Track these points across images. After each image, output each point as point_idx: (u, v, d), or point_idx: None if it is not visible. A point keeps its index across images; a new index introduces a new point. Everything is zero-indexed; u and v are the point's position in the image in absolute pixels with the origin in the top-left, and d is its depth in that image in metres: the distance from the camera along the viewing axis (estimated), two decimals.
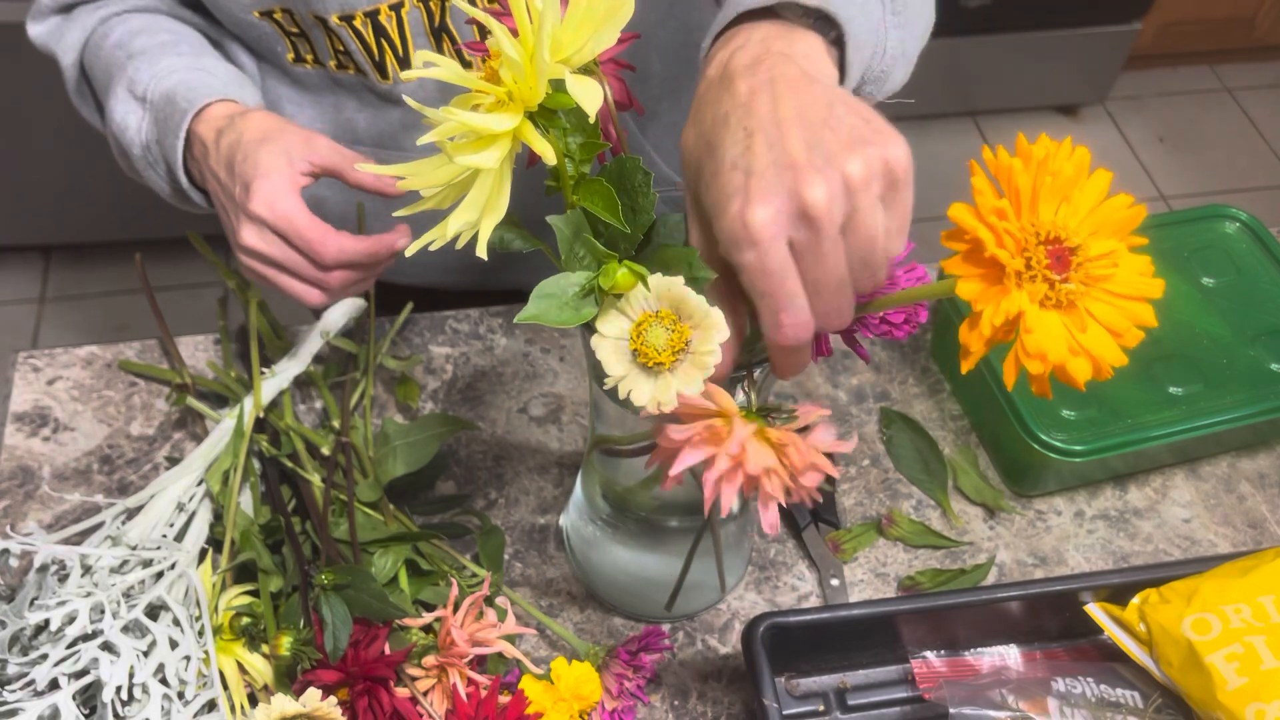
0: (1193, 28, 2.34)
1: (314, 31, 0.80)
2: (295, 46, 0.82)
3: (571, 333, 0.89)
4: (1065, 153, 0.42)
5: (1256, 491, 0.84)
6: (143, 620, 0.62)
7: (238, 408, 0.75)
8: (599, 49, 0.47)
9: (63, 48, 0.83)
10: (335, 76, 0.83)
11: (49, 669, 0.59)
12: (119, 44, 0.79)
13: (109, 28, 0.81)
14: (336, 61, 0.82)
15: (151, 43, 0.78)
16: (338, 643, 0.63)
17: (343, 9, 0.76)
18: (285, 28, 0.80)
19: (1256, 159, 2.33)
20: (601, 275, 0.48)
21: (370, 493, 0.72)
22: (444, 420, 0.75)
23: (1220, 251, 0.90)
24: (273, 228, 0.67)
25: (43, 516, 0.77)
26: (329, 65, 0.82)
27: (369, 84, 0.82)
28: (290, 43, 0.82)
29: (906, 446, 0.84)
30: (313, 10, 0.77)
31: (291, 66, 0.83)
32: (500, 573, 0.74)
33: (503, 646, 0.64)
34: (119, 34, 0.80)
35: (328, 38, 0.80)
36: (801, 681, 0.72)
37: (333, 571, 0.64)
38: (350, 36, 0.78)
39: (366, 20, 0.77)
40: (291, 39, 0.81)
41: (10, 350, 0.84)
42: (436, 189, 0.49)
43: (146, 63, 0.76)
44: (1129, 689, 0.68)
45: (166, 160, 0.75)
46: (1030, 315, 0.41)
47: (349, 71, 0.82)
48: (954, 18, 2.07)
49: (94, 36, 0.82)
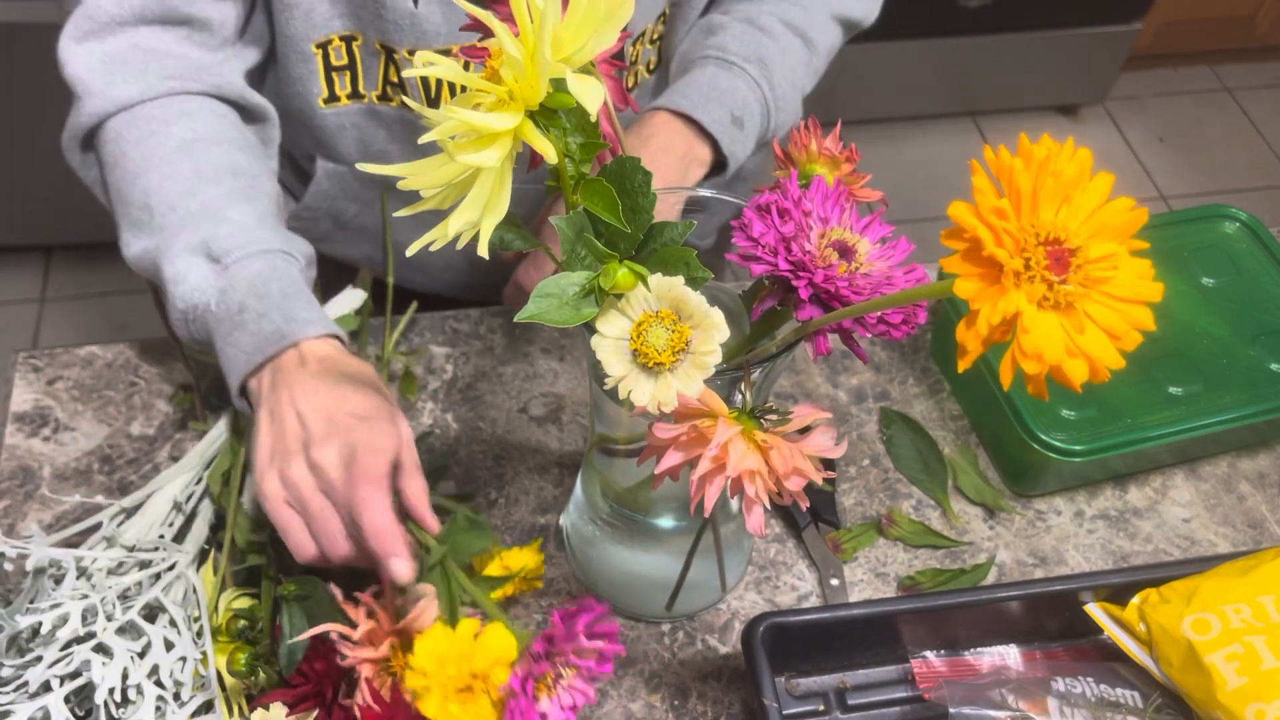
0: (1193, 28, 2.33)
1: (368, 61, 0.79)
2: (332, 84, 0.81)
3: (571, 333, 0.89)
4: (1067, 154, 0.42)
5: (1256, 491, 0.84)
6: (138, 622, 0.62)
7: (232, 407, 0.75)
8: (599, 49, 0.48)
9: (105, 96, 0.71)
10: (374, 108, 0.83)
11: (42, 671, 0.59)
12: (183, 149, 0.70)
13: (170, 112, 0.71)
14: (381, 93, 0.81)
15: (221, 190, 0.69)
16: (291, 655, 0.62)
17: (416, 44, 0.76)
18: (332, 62, 0.80)
19: (1256, 159, 2.33)
20: (602, 275, 0.48)
21: None
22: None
23: (1220, 251, 0.90)
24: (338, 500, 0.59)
25: (43, 516, 0.77)
26: (370, 95, 0.81)
27: (412, 118, 0.82)
28: (326, 81, 0.81)
29: (906, 446, 0.84)
30: (385, 40, 0.77)
31: (320, 109, 0.83)
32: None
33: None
34: (180, 131, 0.71)
35: (383, 69, 0.79)
36: (801, 681, 0.72)
37: (295, 582, 0.64)
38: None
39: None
40: (331, 74, 0.81)
41: (10, 350, 0.84)
42: (437, 188, 0.49)
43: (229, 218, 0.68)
44: (1129, 689, 0.68)
45: (222, 357, 0.66)
46: (1028, 316, 0.41)
47: (392, 104, 0.82)
48: (954, 18, 2.07)
49: (151, 112, 0.71)
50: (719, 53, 0.83)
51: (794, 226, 0.51)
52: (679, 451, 0.49)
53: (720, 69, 0.82)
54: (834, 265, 0.50)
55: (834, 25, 0.89)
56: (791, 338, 0.52)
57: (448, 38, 0.78)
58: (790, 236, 0.51)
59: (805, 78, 0.88)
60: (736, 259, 0.52)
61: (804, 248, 0.51)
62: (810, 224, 0.52)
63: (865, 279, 0.51)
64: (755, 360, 0.53)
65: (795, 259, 0.50)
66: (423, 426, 0.83)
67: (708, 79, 0.81)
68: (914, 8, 2.04)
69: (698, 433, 0.49)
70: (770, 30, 0.85)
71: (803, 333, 0.51)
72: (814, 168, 0.58)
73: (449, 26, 0.77)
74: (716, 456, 0.48)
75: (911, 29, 2.08)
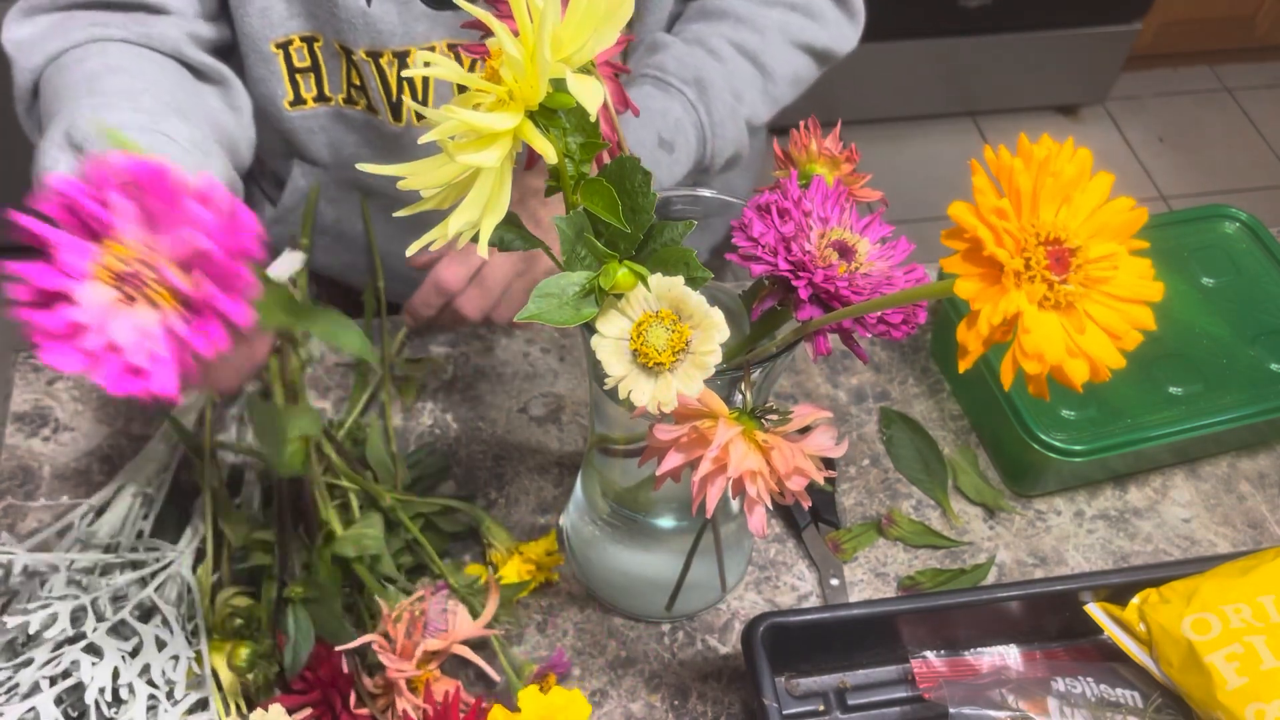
0: (1193, 28, 2.33)
1: (331, 63, 0.79)
2: (296, 86, 0.80)
3: (571, 333, 0.89)
4: (1067, 154, 0.42)
5: (1256, 491, 0.84)
6: (130, 621, 0.62)
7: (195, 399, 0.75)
8: (599, 48, 0.48)
9: (35, 51, 0.72)
10: (341, 111, 0.82)
11: (33, 672, 0.59)
12: (89, 75, 0.70)
13: (88, 52, 0.72)
14: (346, 95, 0.80)
15: (116, 85, 0.69)
16: (297, 656, 0.63)
17: (372, 45, 0.76)
18: (295, 63, 0.79)
19: (1256, 159, 2.33)
20: (602, 275, 0.48)
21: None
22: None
23: (1220, 251, 0.90)
24: None
25: (43, 516, 0.77)
26: (336, 98, 0.81)
27: (377, 124, 0.81)
28: (291, 84, 0.80)
29: (906, 446, 0.84)
30: (341, 40, 0.76)
31: (287, 112, 0.82)
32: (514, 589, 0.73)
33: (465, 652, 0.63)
34: (94, 64, 0.71)
35: (345, 70, 0.79)
36: (801, 681, 0.72)
37: (303, 583, 0.64)
38: (372, 73, 0.77)
39: (394, 60, 0.77)
40: (295, 77, 0.80)
41: (10, 350, 0.84)
42: (436, 189, 0.49)
43: (97, 108, 0.67)
44: (1129, 689, 0.68)
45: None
46: (1028, 315, 0.41)
47: (358, 107, 0.81)
48: (954, 18, 2.07)
49: (72, 54, 0.72)
50: (658, 71, 0.81)
51: (794, 226, 0.51)
52: (680, 453, 0.49)
53: (656, 89, 0.80)
54: (834, 265, 0.50)
55: (796, 53, 0.86)
56: (791, 338, 0.52)
57: (403, 38, 0.77)
58: (790, 236, 0.51)
59: (758, 104, 0.85)
60: (736, 259, 0.52)
61: (804, 248, 0.51)
62: (810, 224, 0.52)
63: (865, 279, 0.51)
64: (755, 360, 0.53)
65: (795, 259, 0.50)
66: (423, 426, 0.83)
67: (640, 99, 0.79)
68: (914, 8, 2.04)
69: (698, 434, 0.49)
70: (718, 52, 0.82)
71: (803, 333, 0.51)
72: (814, 168, 0.58)
73: (404, 27, 0.76)
74: (717, 457, 0.48)
75: (911, 29, 2.09)
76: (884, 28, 2.17)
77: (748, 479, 0.48)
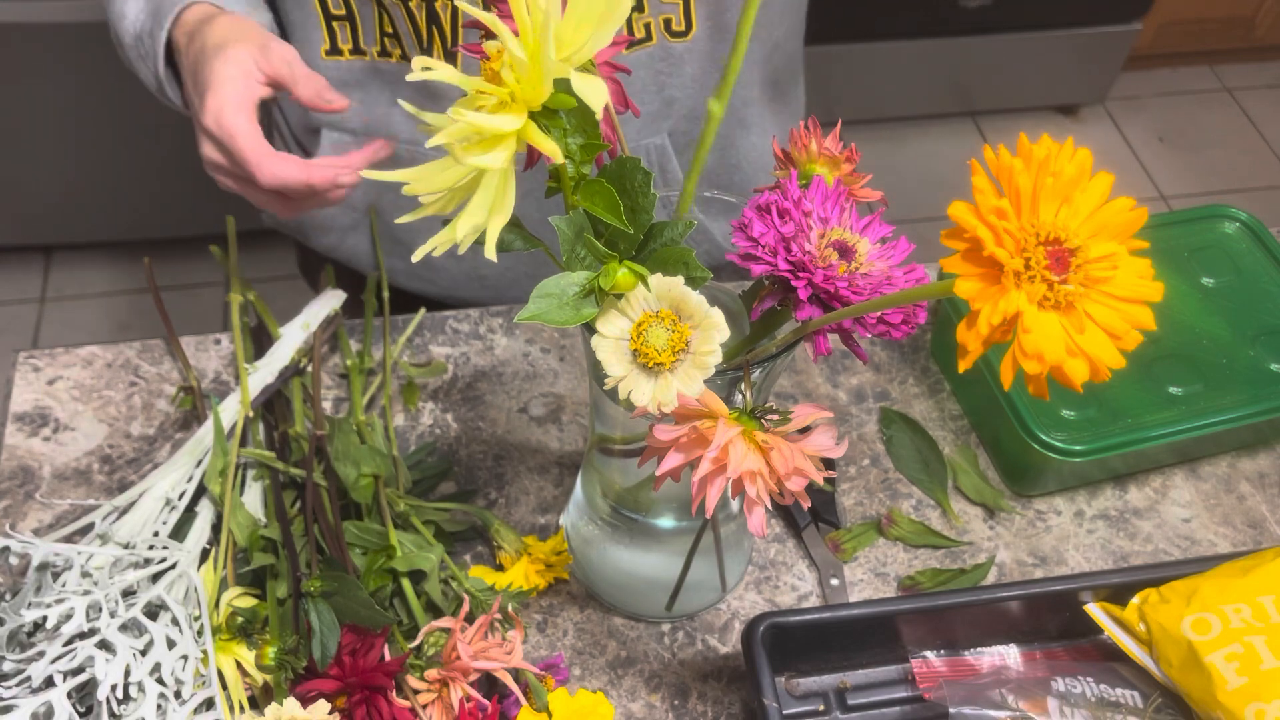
0: (1192, 28, 2.34)
1: (364, 9, 0.79)
2: (333, 35, 0.81)
3: (571, 333, 0.89)
4: (1067, 154, 0.42)
5: (1256, 491, 0.84)
6: (141, 619, 0.62)
7: (222, 403, 0.75)
8: (598, 47, 0.47)
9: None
10: (377, 65, 0.82)
11: (45, 666, 0.59)
12: None
13: None
14: (380, 48, 0.80)
15: None
16: (325, 650, 0.63)
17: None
18: (330, 9, 0.79)
19: (1256, 159, 2.34)
20: (602, 275, 0.48)
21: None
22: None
23: (1220, 251, 0.90)
24: (219, 143, 0.67)
25: (43, 516, 0.77)
26: (371, 51, 0.81)
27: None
28: (328, 31, 0.80)
29: (906, 446, 0.84)
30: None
31: (323, 61, 0.82)
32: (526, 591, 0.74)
33: (505, 675, 0.64)
34: None
35: (378, 18, 0.79)
36: (801, 681, 0.72)
37: (320, 578, 0.64)
38: (403, 16, 0.77)
39: (422, 3, 0.76)
40: (332, 24, 0.80)
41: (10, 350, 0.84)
42: (439, 194, 0.49)
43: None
44: (1129, 689, 0.68)
45: (154, 55, 0.73)
46: (1028, 315, 0.41)
47: (392, 59, 0.81)
48: (954, 18, 2.08)
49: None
50: None
51: (794, 226, 0.51)
52: (680, 453, 0.49)
53: None
54: (834, 265, 0.50)
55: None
56: (791, 338, 0.53)
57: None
58: (790, 236, 0.51)
59: None
60: (736, 259, 0.52)
61: (804, 248, 0.51)
62: (810, 224, 0.52)
63: (865, 279, 0.51)
64: (755, 360, 0.53)
65: (795, 259, 0.50)
66: (423, 427, 0.83)
67: None
68: (914, 8, 2.04)
69: (698, 434, 0.49)
70: None
71: (803, 333, 0.51)
72: (814, 168, 0.58)
73: None
74: (717, 458, 0.48)
75: (911, 29, 2.09)
76: (884, 28, 2.18)
77: (747, 479, 0.49)
